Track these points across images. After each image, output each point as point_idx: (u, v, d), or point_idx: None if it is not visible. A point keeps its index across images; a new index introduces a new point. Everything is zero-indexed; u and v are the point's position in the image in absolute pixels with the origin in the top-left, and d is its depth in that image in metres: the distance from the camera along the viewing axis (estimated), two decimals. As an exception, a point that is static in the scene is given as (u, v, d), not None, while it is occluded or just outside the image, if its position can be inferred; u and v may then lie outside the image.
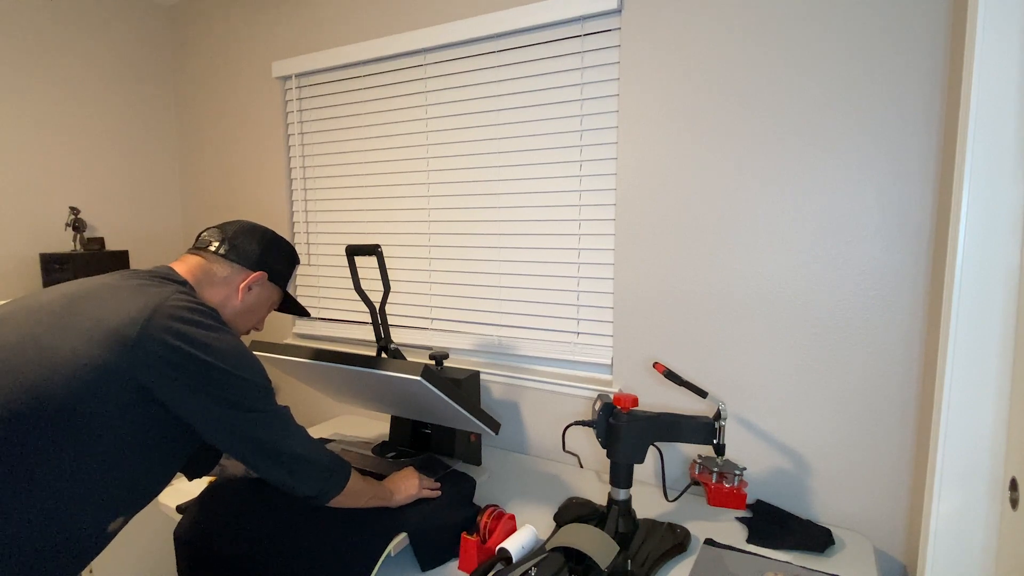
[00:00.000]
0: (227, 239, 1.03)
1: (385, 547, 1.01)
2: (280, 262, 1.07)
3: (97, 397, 0.77)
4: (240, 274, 1.01)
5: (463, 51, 1.60)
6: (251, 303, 1.04)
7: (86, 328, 0.80)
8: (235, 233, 1.04)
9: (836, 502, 1.24)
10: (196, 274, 0.98)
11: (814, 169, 1.20)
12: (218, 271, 1.00)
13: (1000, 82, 0.82)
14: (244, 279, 1.02)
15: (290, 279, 1.12)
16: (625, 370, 1.45)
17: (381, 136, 1.79)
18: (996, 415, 0.86)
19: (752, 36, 1.23)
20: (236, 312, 1.02)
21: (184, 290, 0.92)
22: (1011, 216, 0.83)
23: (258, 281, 1.03)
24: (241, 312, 1.03)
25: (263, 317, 1.10)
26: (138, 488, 0.86)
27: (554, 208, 1.52)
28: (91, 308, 0.83)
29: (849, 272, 1.18)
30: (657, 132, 1.35)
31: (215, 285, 0.99)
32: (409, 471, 1.17)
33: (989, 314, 0.86)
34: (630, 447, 1.09)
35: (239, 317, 1.03)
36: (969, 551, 0.90)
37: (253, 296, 1.04)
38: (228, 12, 2.11)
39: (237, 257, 1.01)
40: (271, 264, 1.05)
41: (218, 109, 2.20)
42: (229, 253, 1.01)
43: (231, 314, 1.02)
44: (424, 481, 1.16)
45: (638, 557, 1.05)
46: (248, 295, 1.03)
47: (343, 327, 1.96)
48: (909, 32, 1.09)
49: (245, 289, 1.01)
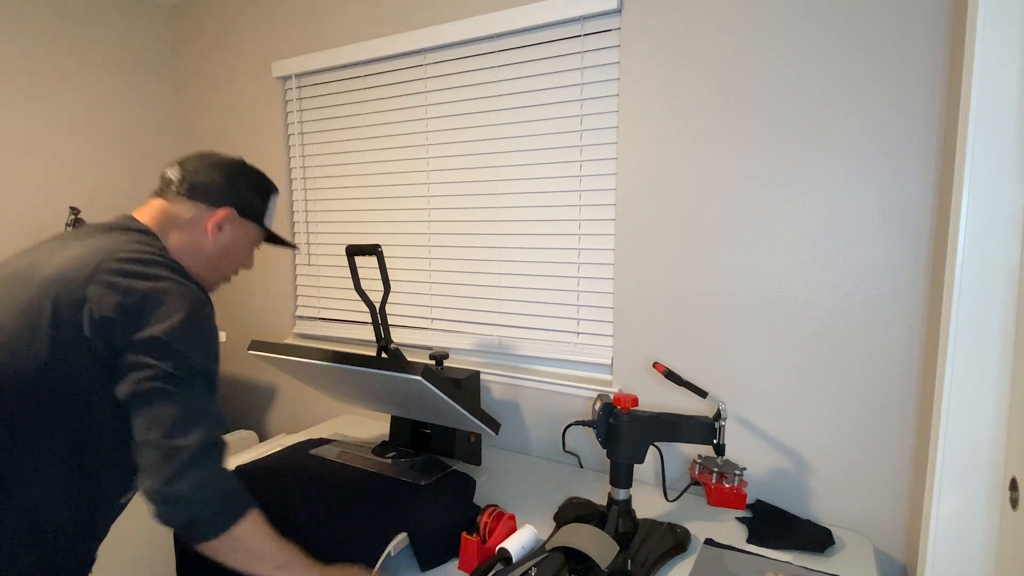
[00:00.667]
0: (187, 176, 0.92)
1: (385, 547, 1.01)
2: (251, 193, 0.96)
3: (61, 369, 0.74)
4: (206, 213, 0.92)
5: (463, 51, 1.60)
6: (225, 244, 0.94)
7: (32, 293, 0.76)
8: (196, 168, 0.93)
9: (836, 502, 1.24)
10: (160, 219, 0.89)
11: (814, 169, 1.20)
12: (182, 213, 0.90)
13: (1000, 82, 0.82)
14: (211, 218, 0.92)
15: (268, 212, 1.01)
16: (625, 370, 1.45)
17: (381, 136, 1.79)
18: (996, 415, 0.86)
19: (752, 36, 1.23)
20: (211, 257, 0.93)
21: (141, 239, 0.84)
22: (1011, 216, 0.83)
23: (227, 219, 0.93)
24: (216, 256, 0.94)
25: (247, 258, 1.01)
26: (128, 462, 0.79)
27: (554, 208, 1.52)
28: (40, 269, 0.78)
29: (849, 272, 1.18)
30: (657, 132, 1.35)
31: (181, 229, 0.90)
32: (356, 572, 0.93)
33: (989, 314, 0.86)
34: (630, 447, 1.09)
35: (215, 262, 0.94)
36: (969, 551, 0.90)
37: (226, 236, 0.94)
38: (228, 12, 2.11)
39: (200, 194, 0.91)
40: (240, 197, 0.94)
41: (218, 109, 2.20)
42: (191, 191, 0.91)
43: (205, 260, 0.93)
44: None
45: (638, 557, 1.05)
46: (220, 236, 0.93)
47: (343, 327, 1.96)
48: (909, 32, 1.09)
49: (215, 229, 0.92)
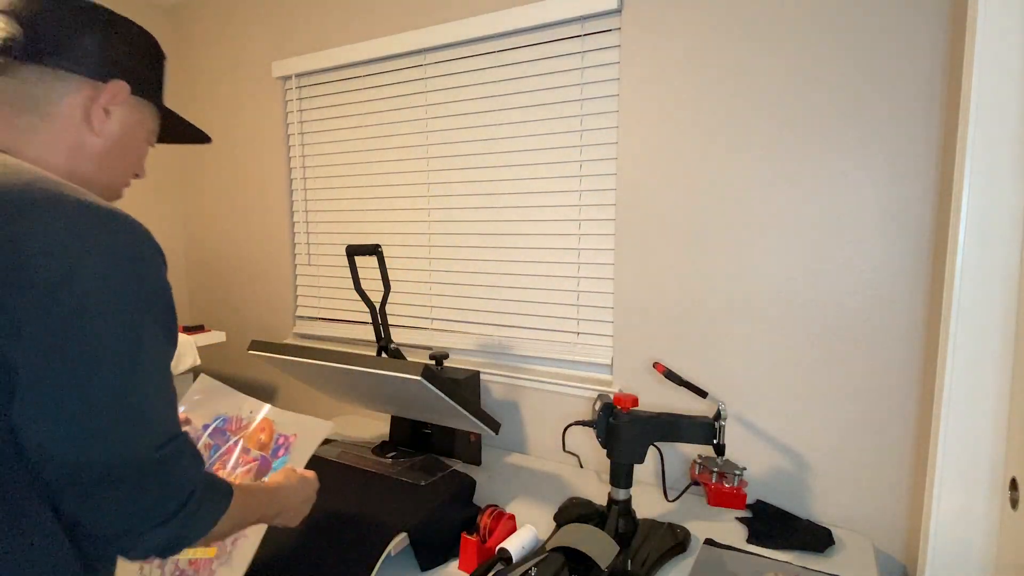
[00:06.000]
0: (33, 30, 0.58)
1: (385, 547, 1.01)
2: (138, 57, 0.66)
3: None
4: (81, 91, 0.61)
5: (463, 51, 1.60)
6: (115, 136, 0.65)
7: None
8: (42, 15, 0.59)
9: (836, 502, 1.24)
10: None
11: (814, 169, 1.20)
12: (38, 94, 0.59)
13: (1000, 82, 0.82)
14: (94, 99, 0.62)
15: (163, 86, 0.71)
16: (625, 370, 1.45)
17: (381, 136, 1.79)
18: (996, 415, 0.86)
19: (752, 37, 1.23)
20: (98, 160, 0.64)
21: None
22: (1011, 216, 0.83)
23: (117, 97, 0.64)
24: (105, 157, 0.64)
25: (141, 156, 0.70)
26: None
27: (554, 208, 1.52)
28: None
29: (849, 272, 1.18)
30: (657, 132, 1.35)
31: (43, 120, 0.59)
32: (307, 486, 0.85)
33: (989, 314, 0.86)
34: (630, 447, 1.09)
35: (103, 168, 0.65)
36: (969, 551, 0.90)
37: (116, 124, 0.64)
38: (228, 12, 2.11)
39: (66, 60, 0.59)
40: (127, 63, 0.64)
41: (218, 109, 2.20)
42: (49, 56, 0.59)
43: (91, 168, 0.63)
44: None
45: (638, 557, 1.05)
46: (108, 124, 0.64)
47: (343, 327, 1.96)
48: (909, 32, 1.09)
49: (102, 115, 0.63)
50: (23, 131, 0.58)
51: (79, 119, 0.62)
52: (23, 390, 0.48)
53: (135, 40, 0.66)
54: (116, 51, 0.64)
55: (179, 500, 0.58)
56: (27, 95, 0.58)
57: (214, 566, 0.83)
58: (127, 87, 0.64)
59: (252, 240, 2.16)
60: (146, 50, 0.68)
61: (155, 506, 0.56)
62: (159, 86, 0.70)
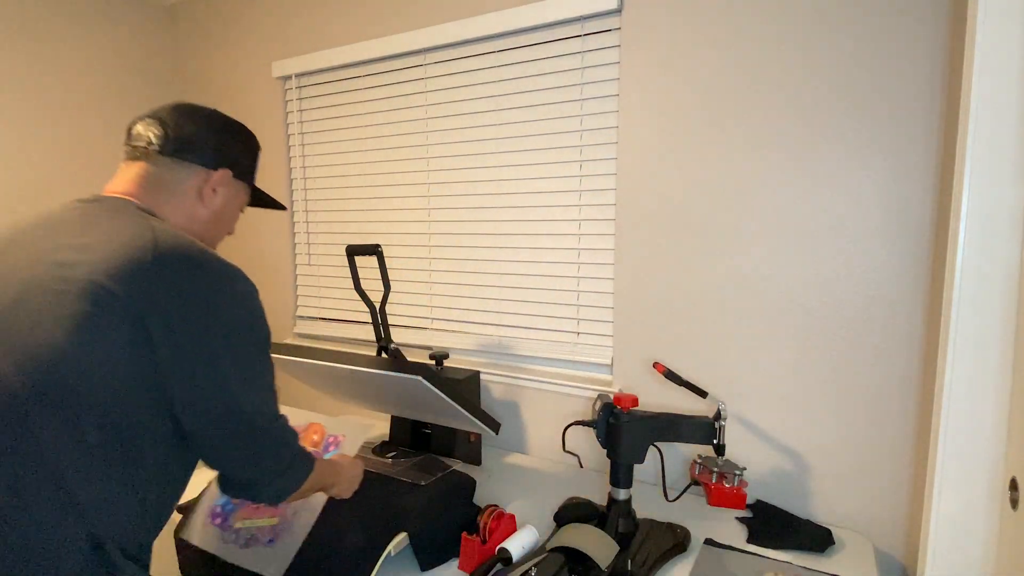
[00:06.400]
0: (171, 134, 0.83)
1: (385, 547, 1.01)
2: (242, 153, 0.90)
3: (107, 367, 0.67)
4: (198, 176, 0.84)
5: (463, 51, 1.60)
6: (218, 208, 0.87)
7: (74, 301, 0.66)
8: (178, 123, 0.84)
9: (836, 502, 1.24)
10: (144, 188, 0.81)
11: (815, 169, 1.20)
12: (170, 177, 0.82)
13: (1000, 82, 0.82)
14: (206, 182, 0.85)
15: (256, 171, 0.96)
16: (625, 370, 1.45)
17: (381, 136, 1.79)
18: (996, 415, 0.86)
19: (752, 36, 1.23)
20: (205, 224, 0.87)
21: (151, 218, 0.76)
22: (1011, 216, 0.83)
23: (223, 181, 0.87)
24: (210, 223, 0.87)
25: (233, 222, 0.95)
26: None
27: (554, 208, 1.52)
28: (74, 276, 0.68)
29: (849, 272, 1.18)
30: (657, 132, 1.35)
31: (173, 195, 0.82)
32: (357, 467, 1.05)
33: (989, 314, 0.85)
34: (630, 447, 1.09)
35: (209, 230, 0.88)
36: (969, 551, 0.90)
37: (220, 200, 0.87)
38: (228, 12, 2.11)
39: (191, 155, 0.83)
40: (233, 156, 0.88)
41: (218, 109, 2.20)
42: (179, 152, 0.82)
43: (200, 228, 0.86)
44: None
45: (638, 557, 1.05)
46: (214, 199, 0.86)
47: (343, 327, 1.96)
48: (909, 32, 1.09)
49: (210, 193, 0.85)
50: (159, 201, 0.82)
51: (194, 196, 0.85)
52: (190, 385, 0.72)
53: (240, 138, 0.91)
54: (226, 147, 0.87)
55: (288, 459, 0.82)
56: (162, 178, 0.82)
57: (278, 530, 1.00)
58: (230, 173, 0.88)
59: (252, 240, 2.16)
60: (247, 145, 0.92)
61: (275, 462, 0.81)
62: (253, 171, 0.94)
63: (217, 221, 0.89)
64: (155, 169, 0.82)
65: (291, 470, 0.83)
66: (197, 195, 0.85)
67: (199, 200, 0.85)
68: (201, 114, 0.87)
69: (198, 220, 0.85)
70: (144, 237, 0.71)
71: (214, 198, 0.87)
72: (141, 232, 0.72)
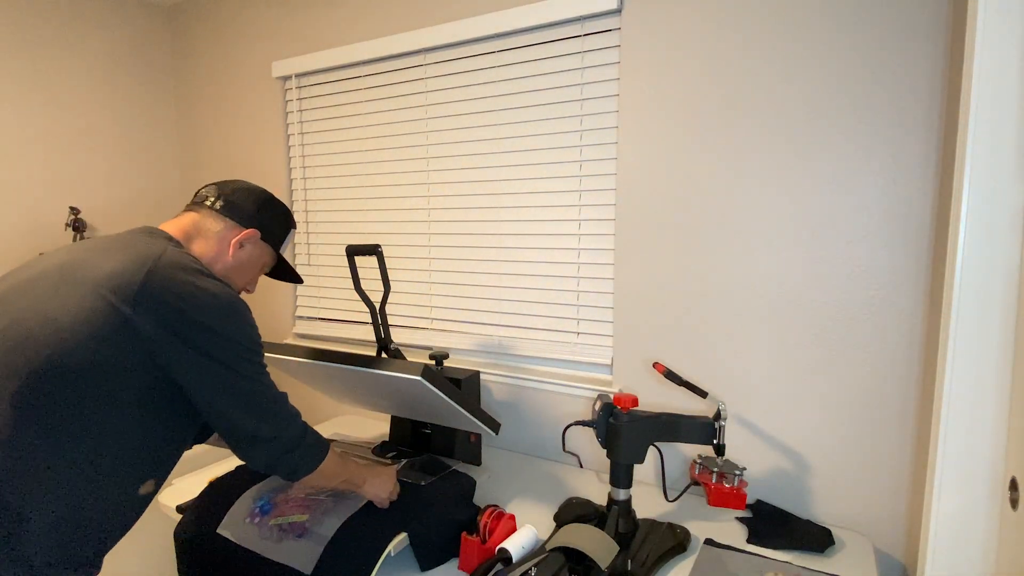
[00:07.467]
0: (223, 195, 1.03)
1: (385, 547, 1.01)
2: (275, 223, 1.07)
3: (104, 356, 0.79)
4: (233, 230, 1.01)
5: (463, 51, 1.60)
6: (242, 260, 1.03)
7: (85, 292, 0.81)
8: (233, 190, 1.04)
9: (836, 502, 1.24)
10: (187, 229, 0.99)
11: (814, 169, 1.20)
12: (211, 226, 1.00)
13: (1000, 82, 0.82)
14: (237, 235, 1.01)
15: (284, 243, 1.11)
16: (625, 370, 1.45)
17: (381, 136, 1.79)
18: (996, 415, 0.86)
19: (752, 36, 1.23)
20: (227, 268, 1.01)
21: (176, 246, 0.93)
22: (1011, 216, 0.83)
23: (250, 238, 1.03)
24: (232, 268, 1.02)
25: (254, 278, 1.10)
26: (160, 447, 0.89)
27: (554, 208, 1.52)
28: (85, 272, 0.84)
29: (849, 272, 1.18)
30: (657, 132, 1.35)
31: (207, 239, 0.99)
32: (391, 473, 1.14)
33: (989, 314, 0.85)
34: (630, 447, 1.09)
35: (229, 274, 1.02)
36: (969, 551, 0.90)
37: (245, 254, 1.03)
38: (228, 12, 2.11)
39: (231, 213, 1.01)
40: (265, 223, 1.05)
41: (218, 109, 2.20)
42: (224, 208, 1.01)
43: (221, 270, 1.01)
44: (395, 492, 1.13)
45: (638, 557, 1.05)
46: (239, 252, 1.02)
47: (343, 327, 1.96)
48: (909, 32, 1.09)
49: (237, 245, 1.01)
50: (193, 240, 0.98)
51: (224, 244, 1.00)
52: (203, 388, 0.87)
53: (277, 212, 1.08)
54: (262, 214, 1.05)
55: (297, 435, 0.93)
56: (203, 224, 1.00)
57: (308, 525, 1.04)
58: (258, 234, 1.04)
59: (252, 240, 2.16)
60: (283, 218, 1.09)
61: (282, 435, 0.91)
62: (282, 241, 1.10)
63: (238, 271, 1.03)
64: (200, 218, 1.00)
65: (300, 449, 0.93)
66: (226, 244, 1.00)
67: (226, 248, 1.00)
68: (251, 188, 1.06)
69: (221, 263, 1.00)
70: (157, 248, 0.88)
71: (240, 251, 1.02)
72: (156, 249, 0.88)
